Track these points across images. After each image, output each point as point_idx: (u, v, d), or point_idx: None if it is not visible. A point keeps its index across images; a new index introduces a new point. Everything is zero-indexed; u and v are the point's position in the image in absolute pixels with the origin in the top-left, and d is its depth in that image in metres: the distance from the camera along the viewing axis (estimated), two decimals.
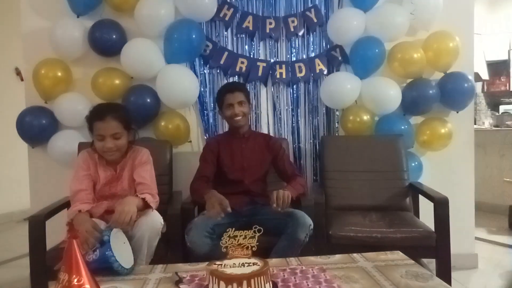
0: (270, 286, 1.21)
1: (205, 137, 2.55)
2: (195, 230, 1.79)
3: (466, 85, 2.43)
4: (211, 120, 2.56)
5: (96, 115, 1.81)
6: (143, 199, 1.74)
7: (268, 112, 2.59)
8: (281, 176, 2.20)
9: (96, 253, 1.43)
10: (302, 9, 2.56)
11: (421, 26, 2.47)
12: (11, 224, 3.89)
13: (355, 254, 1.58)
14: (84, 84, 2.43)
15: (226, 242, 1.31)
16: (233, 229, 1.35)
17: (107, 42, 2.34)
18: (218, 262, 1.25)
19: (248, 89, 2.36)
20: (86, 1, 2.38)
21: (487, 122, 4.22)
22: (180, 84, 2.36)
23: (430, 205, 2.03)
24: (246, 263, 1.23)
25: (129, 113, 1.94)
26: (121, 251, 1.49)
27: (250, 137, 2.19)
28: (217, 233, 1.80)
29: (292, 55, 2.58)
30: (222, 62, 2.52)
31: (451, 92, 2.42)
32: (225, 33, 2.55)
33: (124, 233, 1.61)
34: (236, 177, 2.10)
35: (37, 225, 1.79)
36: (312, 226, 1.84)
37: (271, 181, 2.24)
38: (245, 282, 1.15)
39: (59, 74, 2.37)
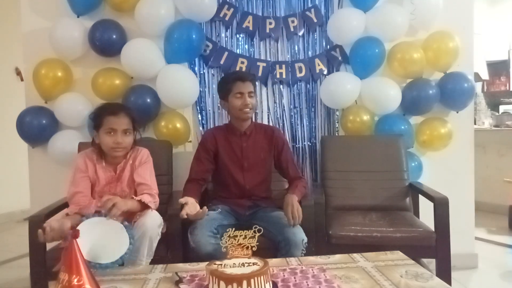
0: (270, 286, 1.21)
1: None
2: (199, 230, 1.78)
3: (466, 85, 2.43)
4: (211, 120, 2.56)
5: (109, 109, 1.84)
6: (139, 200, 1.74)
7: (268, 112, 2.59)
8: (281, 174, 2.18)
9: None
10: (302, 9, 2.56)
11: (421, 26, 2.47)
12: (11, 224, 3.89)
13: (355, 254, 1.58)
14: (84, 84, 2.43)
15: (226, 242, 1.31)
16: (233, 229, 1.35)
17: (107, 42, 2.33)
18: (218, 262, 1.25)
19: None
20: (86, 1, 2.38)
21: (487, 122, 4.21)
22: (180, 84, 2.36)
23: (430, 205, 2.02)
24: (246, 263, 1.23)
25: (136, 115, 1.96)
26: (105, 243, 1.48)
27: (251, 134, 2.10)
28: (221, 233, 1.78)
29: (292, 55, 2.58)
30: (222, 62, 2.52)
31: (451, 92, 2.42)
32: (225, 33, 2.55)
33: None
34: (236, 179, 2.06)
35: (37, 225, 1.78)
36: (305, 241, 1.78)
37: (273, 180, 2.23)
38: (245, 282, 1.15)
39: (59, 74, 2.37)
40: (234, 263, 1.23)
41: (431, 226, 1.97)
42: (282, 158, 2.12)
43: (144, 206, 1.76)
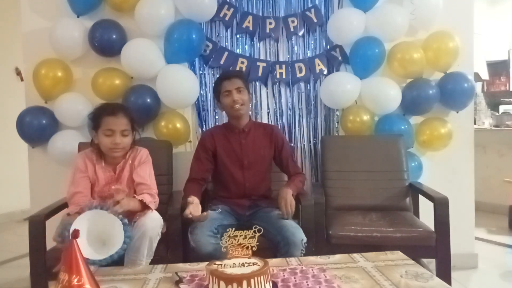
0: (270, 286, 1.21)
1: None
2: (199, 230, 1.78)
3: (466, 85, 2.43)
4: (211, 120, 2.56)
5: (108, 110, 1.84)
6: (141, 200, 1.74)
7: (268, 112, 2.59)
8: (282, 170, 2.19)
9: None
10: (302, 9, 2.56)
11: (421, 26, 2.47)
12: (11, 224, 3.89)
13: (355, 254, 1.58)
14: (84, 84, 2.43)
15: (226, 242, 1.31)
16: (233, 229, 1.35)
17: (107, 42, 2.33)
18: (218, 262, 1.25)
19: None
20: (86, 1, 2.38)
21: (487, 122, 4.21)
22: (180, 84, 2.36)
23: (430, 205, 2.03)
24: (246, 263, 1.23)
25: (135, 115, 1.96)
26: (100, 238, 1.49)
27: (250, 131, 2.10)
28: (221, 233, 1.78)
29: (292, 55, 2.57)
30: (222, 62, 2.52)
31: (451, 92, 2.42)
32: (225, 33, 2.55)
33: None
34: (236, 178, 2.07)
35: (37, 225, 1.79)
36: (305, 241, 1.77)
37: (273, 180, 2.23)
38: (245, 282, 1.15)
39: (59, 74, 2.37)
40: (234, 263, 1.23)
41: (431, 226, 1.97)
42: (283, 156, 2.14)
43: (144, 206, 1.76)
